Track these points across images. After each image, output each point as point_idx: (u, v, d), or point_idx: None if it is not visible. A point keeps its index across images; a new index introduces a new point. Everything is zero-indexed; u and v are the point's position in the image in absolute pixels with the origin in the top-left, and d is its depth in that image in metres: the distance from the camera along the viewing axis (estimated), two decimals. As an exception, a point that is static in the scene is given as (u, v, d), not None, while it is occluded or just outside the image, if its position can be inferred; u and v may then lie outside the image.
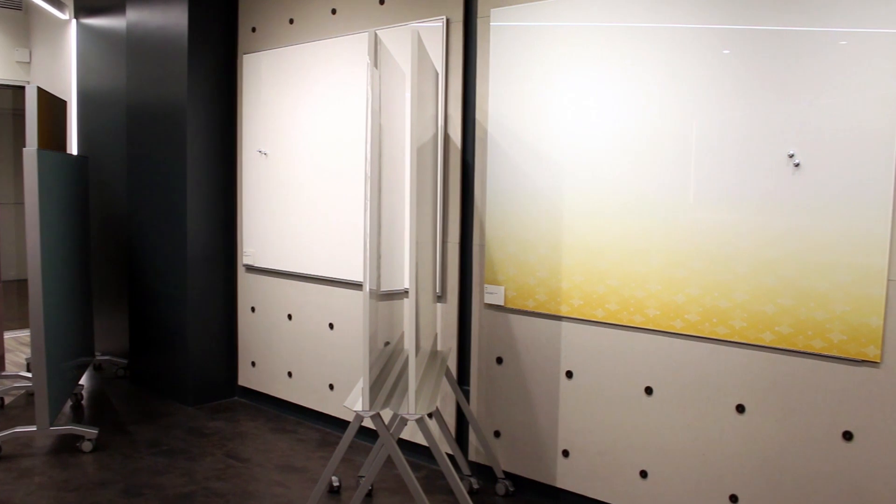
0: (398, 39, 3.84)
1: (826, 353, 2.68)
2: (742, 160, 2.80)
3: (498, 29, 3.46)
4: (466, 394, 3.73)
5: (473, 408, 3.68)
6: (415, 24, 3.75)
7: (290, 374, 4.62)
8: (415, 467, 3.86)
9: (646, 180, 3.02)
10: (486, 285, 3.55)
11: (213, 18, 4.72)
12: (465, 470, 3.66)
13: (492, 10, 3.48)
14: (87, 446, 4.01)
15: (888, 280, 2.56)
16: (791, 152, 2.70)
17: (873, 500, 2.64)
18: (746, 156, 2.79)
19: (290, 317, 4.58)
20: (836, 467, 2.70)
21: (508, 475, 3.60)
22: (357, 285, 4.14)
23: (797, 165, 2.69)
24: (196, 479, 3.68)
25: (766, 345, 2.79)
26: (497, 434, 3.61)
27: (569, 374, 3.33)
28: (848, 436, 2.68)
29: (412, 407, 2.80)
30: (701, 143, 2.88)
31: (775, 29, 2.70)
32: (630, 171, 3.05)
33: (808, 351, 2.71)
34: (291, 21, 4.42)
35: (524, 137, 3.38)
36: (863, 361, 2.62)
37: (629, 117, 3.05)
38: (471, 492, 3.59)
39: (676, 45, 2.92)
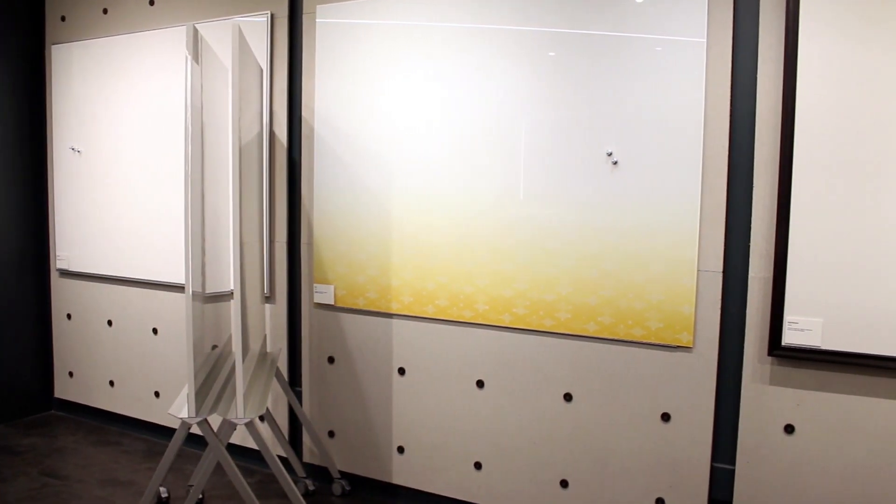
0: (221, 34, 3.60)
1: (645, 341, 2.73)
2: (565, 158, 2.80)
3: (324, 25, 3.31)
4: (298, 395, 3.56)
5: (306, 408, 3.52)
6: (238, 19, 3.53)
7: (111, 384, 4.26)
8: (248, 472, 3.65)
9: (474, 178, 2.97)
10: (315, 284, 3.39)
11: (14, 5, 4.26)
12: (300, 472, 3.49)
13: (317, 6, 3.32)
14: None
15: (698, 270, 2.64)
16: (609, 151, 2.73)
17: (687, 475, 2.73)
18: (570, 154, 2.79)
19: (110, 323, 4.21)
20: (656, 447, 2.77)
21: (344, 474, 3.47)
22: (182, 288, 3.87)
23: (615, 163, 2.72)
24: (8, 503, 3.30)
25: (591, 335, 2.81)
26: (331, 434, 3.47)
27: (401, 371, 3.24)
28: (666, 417, 2.74)
29: (240, 411, 2.63)
30: (528, 141, 2.87)
31: (598, 33, 2.72)
32: (459, 168, 3.00)
33: (629, 339, 2.75)
34: (105, 11, 4.05)
35: (353, 135, 3.25)
36: (677, 347, 2.69)
37: (459, 116, 2.99)
38: (306, 494, 3.43)
39: (504, 46, 2.89)
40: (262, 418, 3.48)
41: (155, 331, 4.01)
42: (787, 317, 2.49)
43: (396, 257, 3.16)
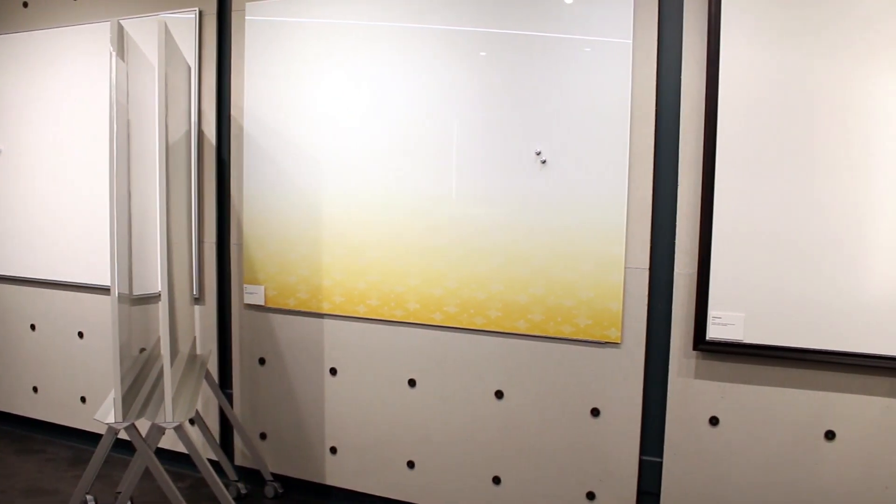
0: (148, 30, 3.48)
1: (574, 338, 2.73)
2: (496, 157, 2.79)
3: (253, 23, 3.23)
4: (229, 397, 3.47)
5: (237, 411, 3.44)
6: (165, 15, 3.43)
7: (35, 390, 4.09)
8: (178, 477, 3.55)
9: (406, 177, 2.93)
10: (245, 285, 3.31)
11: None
12: (232, 475, 3.40)
13: (247, 3, 3.24)
14: None
15: (625, 268, 2.65)
16: (538, 150, 2.73)
17: (617, 469, 2.74)
18: (500, 153, 2.78)
19: (33, 327, 4.04)
20: (586, 441, 2.77)
21: (277, 477, 3.40)
22: (108, 290, 3.73)
23: (544, 162, 2.72)
24: (-81, 517, 3.14)
25: (521, 332, 2.81)
26: (263, 436, 3.40)
27: (333, 371, 3.18)
28: (596, 412, 2.76)
29: (169, 415, 2.54)
30: (460, 140, 2.84)
31: (530, 34, 2.71)
32: (391, 168, 2.96)
33: (559, 336, 2.75)
34: (25, 5, 3.89)
35: (283, 134, 3.18)
36: (606, 343, 2.70)
37: (391, 115, 2.95)
38: (238, 497, 3.34)
39: (436, 45, 2.86)
40: (192, 422, 3.39)
41: (80, 334, 3.86)
42: (711, 312, 2.53)
43: (327, 257, 3.10)
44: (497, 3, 2.75)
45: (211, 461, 3.26)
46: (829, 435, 2.48)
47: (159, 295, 3.10)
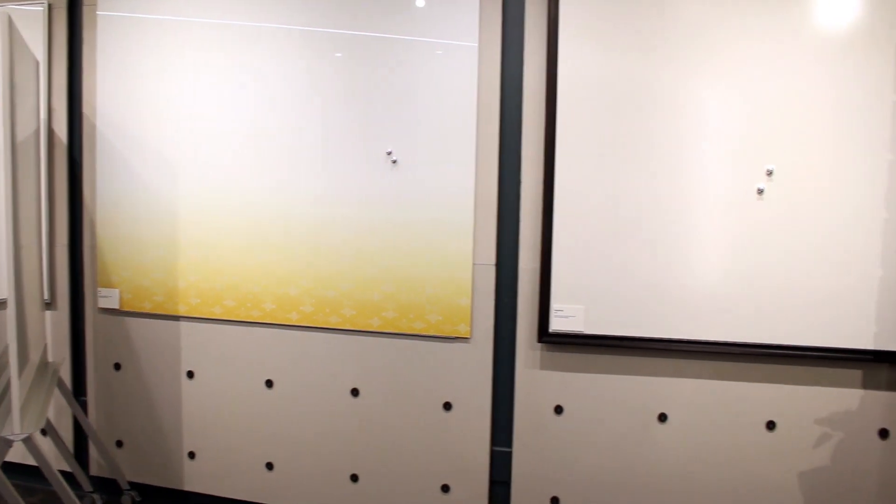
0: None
1: (426, 334, 2.79)
2: (349, 157, 2.81)
3: (106, 18, 3.15)
4: (84, 405, 3.36)
5: (92, 419, 3.33)
6: (10, 7, 3.30)
7: None
8: (29, 492, 3.40)
9: (262, 178, 2.92)
10: (99, 289, 3.22)
11: None
12: (87, 486, 3.29)
13: (97, -3, 3.17)
14: None
15: (473, 264, 2.73)
16: (389, 150, 2.78)
17: (470, 460, 2.81)
18: (354, 153, 2.81)
19: None
20: (440, 435, 2.83)
21: (134, 485, 3.31)
22: (-47, 298, 3.56)
23: (395, 162, 2.78)
24: None
25: (375, 330, 2.84)
26: (119, 444, 3.30)
27: (190, 375, 3.13)
28: (448, 406, 2.82)
29: (17, 426, 2.44)
30: (315, 140, 2.86)
31: (383, 36, 2.76)
32: (247, 169, 2.94)
33: (411, 332, 2.80)
34: None
35: (138, 133, 3.11)
36: (456, 338, 2.78)
37: (247, 115, 2.93)
38: (93, 509, 3.25)
39: (292, 45, 2.86)
40: (44, 432, 3.26)
41: (-78, 345, 3.66)
42: (554, 305, 2.63)
43: (184, 259, 3.06)
44: (352, 5, 2.78)
45: (64, 473, 3.15)
46: (662, 417, 2.63)
47: (5, 301, 2.98)
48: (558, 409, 2.71)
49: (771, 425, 2.57)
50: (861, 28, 2.37)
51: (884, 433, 2.51)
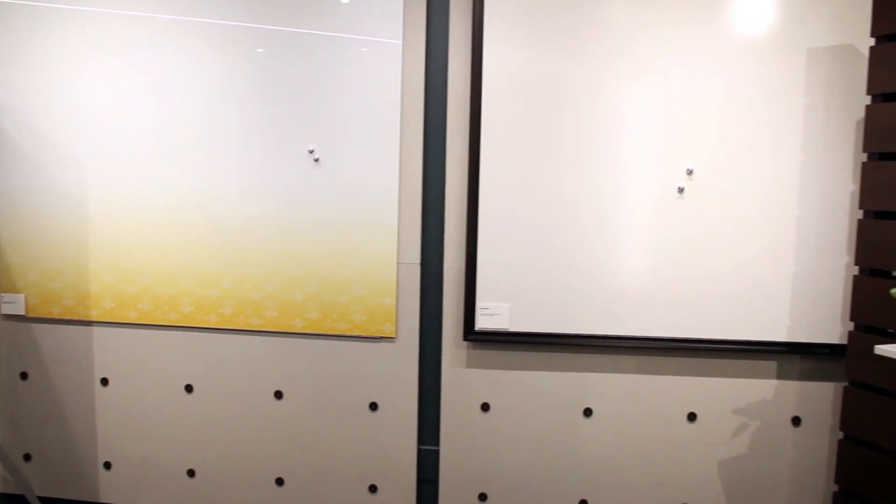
0: None
1: (351, 334, 2.75)
2: (272, 155, 2.74)
3: (6, 6, 2.97)
4: (-11, 417, 3.19)
5: (-2, 431, 3.17)
6: None
7: None
8: (-71, 509, 3.22)
9: (181, 176, 2.81)
10: (2, 294, 3.05)
11: None
12: (-7, 502, 3.14)
13: (-4, -14, 3.00)
14: None
15: (398, 263, 2.71)
16: (311, 148, 2.72)
17: (397, 460, 2.80)
18: (276, 151, 2.74)
19: None
20: (366, 436, 2.81)
21: (45, 500, 3.15)
22: None
23: (317, 161, 2.72)
24: None
25: (298, 331, 2.79)
26: (27, 457, 3.14)
27: (104, 382, 3.00)
28: (374, 406, 2.79)
29: None
30: (237, 138, 2.77)
31: (305, 32, 2.69)
32: (164, 167, 2.82)
33: (336, 333, 2.76)
34: None
35: (44, 130, 2.94)
36: (381, 338, 2.75)
37: (166, 111, 2.80)
38: (1, 525, 3.09)
39: (212, 40, 2.75)
40: (-56, 447, 3.08)
41: None
42: (479, 303, 2.63)
43: (95, 261, 2.93)
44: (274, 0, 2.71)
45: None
46: (588, 412, 2.67)
47: None
48: (485, 407, 2.72)
49: (692, 417, 2.64)
50: (773, 35, 2.46)
51: (796, 420, 2.61)
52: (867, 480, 2.20)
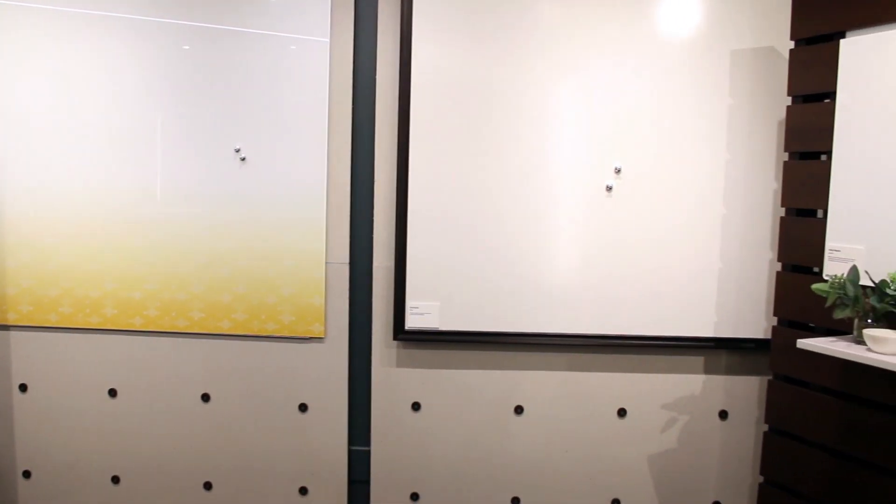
0: None
1: (279, 335, 2.71)
2: (198, 154, 2.68)
3: None
4: None
5: (-89, 441, 3.03)
6: None
7: None
8: None
9: (105, 176, 2.70)
10: (-88, 298, 2.92)
11: None
12: None
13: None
14: None
15: (326, 263, 2.67)
16: (238, 147, 2.66)
17: (327, 461, 2.76)
18: (202, 150, 2.67)
19: None
20: (295, 437, 2.77)
21: (-38, 510, 3.05)
22: None
23: (244, 160, 2.66)
24: None
25: (225, 332, 2.72)
26: (-57, 467, 3.03)
27: (23, 388, 2.87)
28: (304, 407, 2.75)
29: None
30: (163, 137, 2.69)
31: (234, 29, 2.63)
32: (87, 166, 2.71)
33: (263, 334, 2.71)
34: None
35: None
36: (310, 338, 2.71)
37: (88, 109, 2.70)
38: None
39: (137, 35, 2.65)
40: None
41: None
42: (409, 302, 2.61)
43: (12, 263, 2.81)
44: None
45: None
46: (518, 409, 2.67)
47: None
48: (416, 406, 2.70)
49: (622, 413, 2.66)
50: (699, 36, 2.50)
51: (723, 414, 2.65)
52: (791, 471, 2.24)
